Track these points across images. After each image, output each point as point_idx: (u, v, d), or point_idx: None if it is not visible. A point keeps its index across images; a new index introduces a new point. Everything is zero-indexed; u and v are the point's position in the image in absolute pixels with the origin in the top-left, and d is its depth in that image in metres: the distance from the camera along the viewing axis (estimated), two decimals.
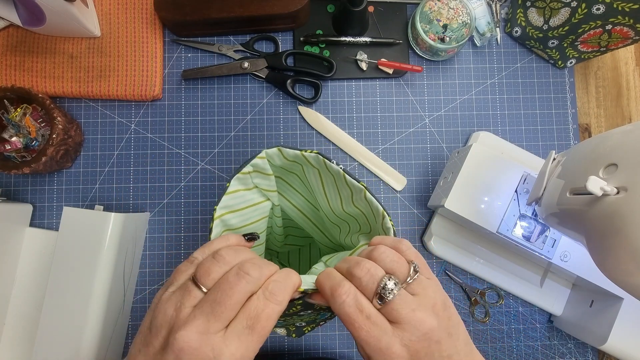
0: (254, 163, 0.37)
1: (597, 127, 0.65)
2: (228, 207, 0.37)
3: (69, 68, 0.59)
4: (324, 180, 0.40)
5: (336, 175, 0.37)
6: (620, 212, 0.30)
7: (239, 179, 0.37)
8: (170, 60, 0.62)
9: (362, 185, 0.35)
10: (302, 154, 0.36)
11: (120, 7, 0.60)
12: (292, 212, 0.49)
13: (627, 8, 0.50)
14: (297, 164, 0.39)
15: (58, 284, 0.50)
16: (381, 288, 0.26)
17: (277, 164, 0.39)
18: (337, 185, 0.39)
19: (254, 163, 0.37)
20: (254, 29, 0.62)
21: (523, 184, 0.50)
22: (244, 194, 0.39)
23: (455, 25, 0.58)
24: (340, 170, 0.36)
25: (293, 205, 0.48)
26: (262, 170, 0.39)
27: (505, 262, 0.58)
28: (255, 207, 0.41)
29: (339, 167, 0.36)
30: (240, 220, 0.40)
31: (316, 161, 0.37)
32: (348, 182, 0.36)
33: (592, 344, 0.52)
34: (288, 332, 0.47)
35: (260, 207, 0.42)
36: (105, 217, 0.51)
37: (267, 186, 0.41)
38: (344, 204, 0.40)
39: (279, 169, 0.41)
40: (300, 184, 0.44)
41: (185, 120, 0.61)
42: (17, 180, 0.59)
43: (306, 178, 0.42)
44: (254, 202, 0.41)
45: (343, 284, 0.27)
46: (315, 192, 0.42)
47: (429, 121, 0.63)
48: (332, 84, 0.62)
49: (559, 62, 0.63)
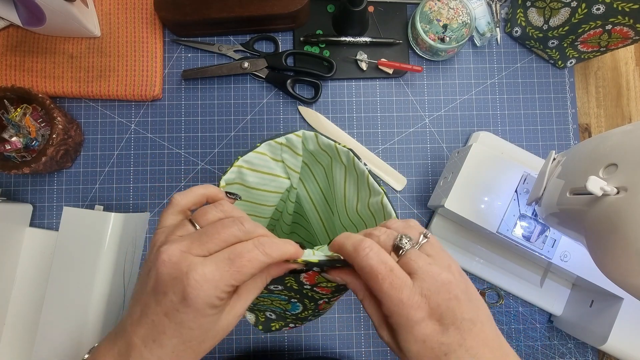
0: (289, 137, 0.37)
1: (597, 127, 0.65)
2: (250, 163, 0.37)
3: (69, 68, 0.59)
4: (348, 177, 0.40)
5: (360, 175, 0.37)
6: (620, 212, 0.30)
7: (270, 145, 0.37)
8: (170, 60, 0.62)
9: (382, 190, 0.36)
10: (336, 145, 0.37)
11: (120, 7, 0.60)
12: (307, 203, 0.48)
13: (627, 8, 0.50)
14: (327, 156, 0.39)
15: (58, 284, 0.50)
16: (397, 241, 0.28)
17: (310, 149, 0.39)
18: (358, 185, 0.39)
19: (289, 137, 0.37)
20: (254, 29, 0.62)
21: (523, 184, 0.50)
22: (268, 161, 0.39)
23: (455, 25, 0.58)
24: (365, 171, 0.36)
25: (310, 196, 0.47)
26: (293, 148, 0.39)
27: (505, 262, 0.58)
28: (274, 178, 0.41)
29: (365, 167, 0.36)
30: (256, 182, 0.39)
31: (346, 157, 0.37)
32: (370, 184, 0.36)
33: (592, 344, 0.52)
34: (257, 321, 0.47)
35: (278, 181, 0.42)
36: (105, 217, 0.51)
37: (292, 165, 0.41)
38: (359, 206, 0.40)
39: (310, 154, 0.41)
40: (324, 177, 0.44)
41: (185, 120, 0.61)
42: (17, 180, 0.59)
43: (332, 172, 0.41)
44: (275, 172, 0.41)
45: (365, 239, 0.27)
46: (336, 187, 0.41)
47: (429, 121, 0.63)
48: (332, 84, 0.62)
49: (559, 62, 0.63)
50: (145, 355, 0.26)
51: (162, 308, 0.25)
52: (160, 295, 0.25)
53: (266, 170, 0.40)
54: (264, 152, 0.38)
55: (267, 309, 0.44)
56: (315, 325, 0.59)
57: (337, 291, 0.35)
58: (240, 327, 0.58)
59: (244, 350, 0.58)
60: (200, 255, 0.26)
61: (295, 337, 0.59)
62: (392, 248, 0.28)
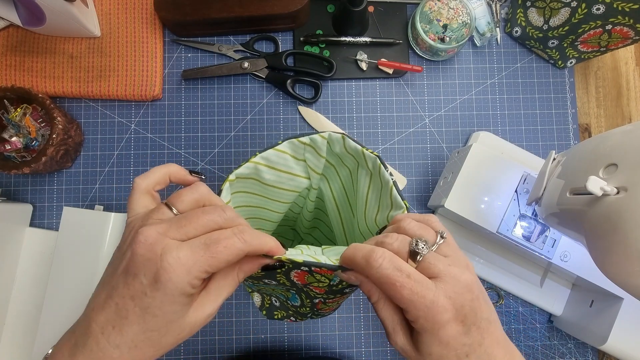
0: (313, 138, 0.37)
1: (597, 127, 0.65)
2: (269, 160, 0.37)
3: (69, 68, 0.59)
4: (372, 185, 0.39)
5: (384, 185, 0.36)
6: (620, 212, 0.30)
7: (293, 143, 0.37)
8: (170, 60, 0.62)
9: (405, 205, 0.34)
10: (363, 150, 0.36)
11: (120, 7, 0.60)
12: (329, 202, 0.47)
13: (627, 8, 0.50)
14: (354, 160, 0.39)
15: (58, 284, 0.50)
16: (413, 246, 0.27)
17: (336, 151, 0.38)
18: (380, 195, 0.38)
19: (313, 138, 0.37)
20: (254, 29, 0.62)
21: (523, 184, 0.50)
22: (289, 159, 0.38)
23: (455, 25, 0.58)
24: (390, 181, 0.35)
25: (333, 196, 0.46)
26: (317, 149, 0.38)
27: (505, 262, 0.58)
28: (292, 177, 0.40)
29: (391, 178, 0.35)
30: (273, 180, 0.39)
31: (373, 163, 0.36)
32: (392, 196, 0.35)
33: (592, 344, 0.52)
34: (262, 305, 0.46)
35: (297, 180, 0.41)
36: (105, 217, 0.51)
37: (314, 166, 0.40)
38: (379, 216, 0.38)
39: (336, 156, 0.40)
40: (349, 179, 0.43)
41: (185, 120, 0.61)
42: (17, 180, 0.59)
43: (357, 176, 0.41)
44: (294, 172, 0.40)
45: (376, 249, 0.26)
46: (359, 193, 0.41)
47: (429, 121, 0.63)
48: (332, 84, 0.62)
49: (559, 62, 0.63)
50: (102, 343, 0.25)
51: (129, 290, 0.25)
52: (130, 276, 0.25)
53: (285, 169, 0.39)
54: (285, 150, 0.37)
55: (271, 294, 0.44)
56: (315, 325, 0.59)
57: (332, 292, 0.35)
58: (241, 327, 0.58)
59: (244, 350, 0.58)
60: (177, 239, 0.25)
61: (295, 337, 0.59)
62: (408, 254, 0.27)
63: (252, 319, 0.58)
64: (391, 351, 0.59)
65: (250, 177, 0.38)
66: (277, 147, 0.36)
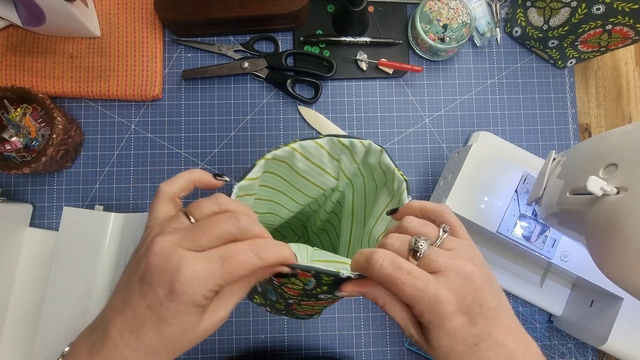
0: (353, 142, 0.37)
1: (597, 127, 0.65)
2: (306, 150, 0.37)
3: (69, 68, 0.59)
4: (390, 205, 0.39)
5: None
6: (620, 212, 0.30)
7: (332, 140, 0.37)
8: (170, 60, 0.62)
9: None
10: (394, 169, 0.36)
11: (120, 7, 0.60)
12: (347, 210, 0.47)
13: (627, 8, 0.50)
14: (383, 177, 0.39)
15: (58, 284, 0.50)
16: (413, 244, 0.27)
17: (370, 162, 0.38)
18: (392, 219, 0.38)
19: (353, 142, 0.37)
20: (254, 29, 0.62)
21: (523, 184, 0.50)
22: (324, 155, 0.39)
23: (455, 25, 0.58)
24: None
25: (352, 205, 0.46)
26: (353, 153, 0.38)
27: (505, 262, 0.58)
28: (322, 173, 0.41)
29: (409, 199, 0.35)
30: (304, 170, 0.39)
31: (398, 186, 0.36)
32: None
33: (592, 344, 0.52)
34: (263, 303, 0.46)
35: (326, 177, 0.41)
36: (105, 217, 0.51)
37: (346, 169, 0.40)
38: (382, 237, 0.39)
39: (368, 167, 0.40)
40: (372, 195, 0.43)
41: (185, 120, 0.61)
42: (17, 180, 0.59)
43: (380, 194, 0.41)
44: (326, 169, 0.40)
45: (376, 251, 0.27)
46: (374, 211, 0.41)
47: (429, 121, 0.63)
48: (332, 84, 0.62)
49: (559, 62, 0.63)
50: (119, 346, 0.25)
51: (145, 300, 0.25)
52: (146, 286, 0.25)
53: (318, 162, 0.39)
54: (323, 145, 0.37)
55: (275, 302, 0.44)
56: (315, 325, 0.59)
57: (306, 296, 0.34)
58: (241, 327, 0.58)
59: (244, 350, 0.58)
60: (192, 250, 0.25)
61: (295, 337, 0.59)
62: (409, 253, 0.27)
63: (252, 319, 0.58)
64: (391, 351, 0.59)
65: (284, 161, 0.38)
66: (317, 140, 0.37)
